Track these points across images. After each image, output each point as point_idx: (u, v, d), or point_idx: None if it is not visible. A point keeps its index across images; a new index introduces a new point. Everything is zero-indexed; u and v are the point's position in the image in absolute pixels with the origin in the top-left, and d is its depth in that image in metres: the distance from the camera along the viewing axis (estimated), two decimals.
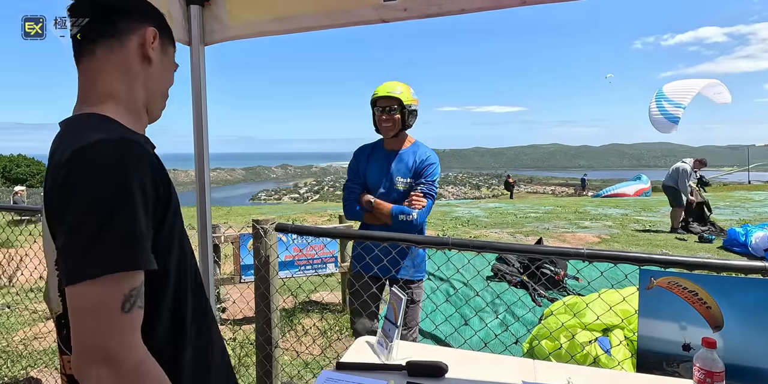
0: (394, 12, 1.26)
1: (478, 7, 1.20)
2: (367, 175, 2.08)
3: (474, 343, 2.70)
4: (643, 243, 6.68)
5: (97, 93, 0.73)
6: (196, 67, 1.39)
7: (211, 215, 1.50)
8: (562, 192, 73.07)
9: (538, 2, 1.16)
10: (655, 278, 1.31)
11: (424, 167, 2.00)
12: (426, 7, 1.24)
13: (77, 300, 0.57)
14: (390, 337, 1.30)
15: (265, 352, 1.76)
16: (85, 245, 0.57)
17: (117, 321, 0.57)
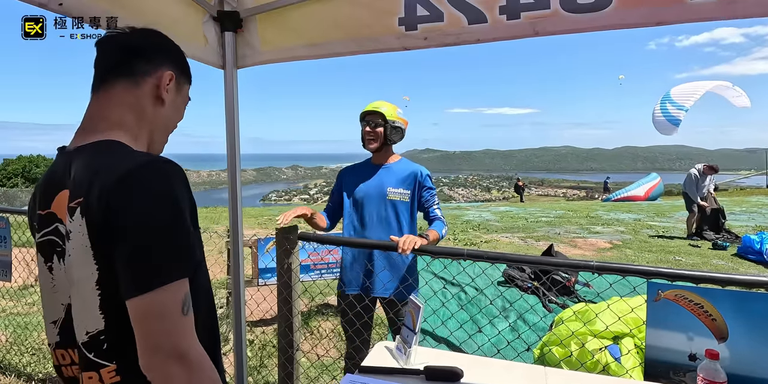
0: (415, 41, 1.36)
1: (493, 37, 1.28)
2: (354, 190, 2.12)
3: (486, 349, 2.77)
4: (655, 249, 6.66)
5: (108, 122, 0.78)
6: (230, 89, 1.50)
7: (242, 226, 1.60)
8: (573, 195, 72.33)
9: (550, 34, 1.24)
10: (663, 291, 1.38)
11: (424, 178, 2.08)
12: (444, 36, 1.33)
13: (147, 307, 0.65)
14: (408, 343, 1.39)
15: (287, 354, 1.86)
16: (151, 259, 0.66)
17: (180, 322, 0.66)
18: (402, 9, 1.35)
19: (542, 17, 1.21)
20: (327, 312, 3.67)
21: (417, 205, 2.12)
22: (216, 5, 1.44)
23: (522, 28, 1.24)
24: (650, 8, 1.14)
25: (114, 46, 0.81)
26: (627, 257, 6.15)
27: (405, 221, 2.08)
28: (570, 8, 1.17)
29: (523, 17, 1.22)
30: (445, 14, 1.31)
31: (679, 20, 1.13)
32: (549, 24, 1.21)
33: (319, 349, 2.82)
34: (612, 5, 1.14)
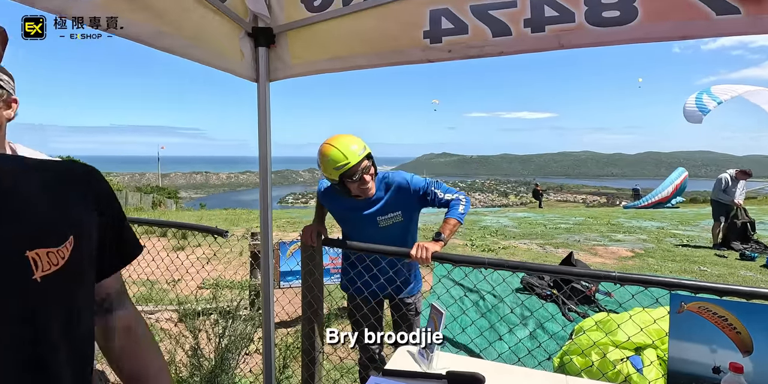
0: (439, 53, 1.40)
1: (517, 50, 1.31)
2: (343, 221, 2.04)
3: (505, 357, 2.76)
4: (679, 259, 6.49)
5: None
6: (263, 101, 1.57)
7: (272, 233, 1.66)
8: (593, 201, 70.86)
9: (575, 46, 1.26)
10: (686, 303, 1.37)
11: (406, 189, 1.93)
12: (468, 49, 1.36)
13: None
14: (431, 348, 1.42)
15: (311, 356, 1.91)
16: None
17: None
18: (427, 22, 1.38)
19: (567, 30, 1.23)
20: (345, 315, 3.71)
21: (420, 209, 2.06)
22: (251, 22, 1.51)
23: (547, 41, 1.26)
24: (675, 23, 1.15)
25: None
26: (650, 266, 6.02)
27: (402, 237, 2.00)
28: (595, 22, 1.19)
29: (547, 30, 1.25)
30: (469, 27, 1.34)
31: (704, 35, 1.14)
32: (574, 37, 1.23)
33: (340, 352, 2.86)
34: (637, 19, 1.16)
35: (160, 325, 3.41)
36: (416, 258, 1.73)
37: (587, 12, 1.20)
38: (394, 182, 1.95)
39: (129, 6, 1.08)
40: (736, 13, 1.07)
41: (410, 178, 1.98)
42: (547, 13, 1.23)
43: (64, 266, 0.59)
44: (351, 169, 1.77)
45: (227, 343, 2.30)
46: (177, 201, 28.14)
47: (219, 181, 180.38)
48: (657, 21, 1.16)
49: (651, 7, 1.14)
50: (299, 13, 1.53)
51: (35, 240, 0.57)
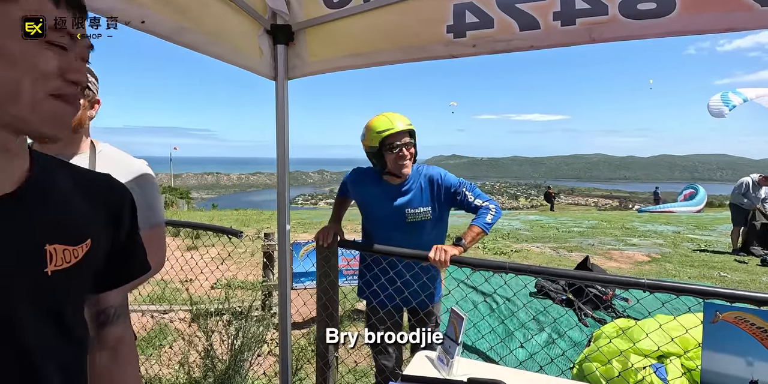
0: (464, 48, 1.35)
1: (547, 44, 1.26)
2: (368, 210, 1.98)
3: (525, 363, 2.69)
4: (698, 264, 6.33)
5: None
6: (281, 99, 1.54)
7: (289, 234, 1.63)
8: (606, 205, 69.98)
9: (607, 40, 1.21)
10: (721, 312, 1.30)
11: (444, 185, 1.88)
12: (494, 43, 1.31)
13: None
14: (451, 354, 1.37)
15: (325, 359, 1.87)
16: None
17: None
18: (450, 16, 1.34)
19: (599, 23, 1.18)
20: (359, 317, 3.67)
21: (449, 210, 1.98)
22: (270, 19, 1.48)
23: (577, 35, 1.21)
24: (716, 14, 1.09)
25: None
26: (667, 272, 5.88)
27: (429, 237, 1.93)
28: (629, 14, 1.14)
29: (578, 23, 1.20)
30: (495, 20, 1.29)
31: (747, 27, 1.08)
32: (606, 30, 1.17)
33: (354, 356, 2.82)
34: (675, 11, 1.10)
35: (174, 325, 3.41)
36: (434, 260, 1.68)
37: (621, 4, 1.14)
38: (428, 174, 1.92)
39: (152, 1, 1.06)
40: None
41: (444, 173, 1.94)
42: (578, 6, 1.18)
43: (74, 265, 0.60)
44: (394, 135, 1.78)
45: (240, 344, 2.27)
46: (189, 201, 28.41)
47: (230, 181, 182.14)
48: (696, 12, 1.10)
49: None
50: (318, 9, 1.50)
51: (55, 235, 0.58)
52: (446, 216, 2.02)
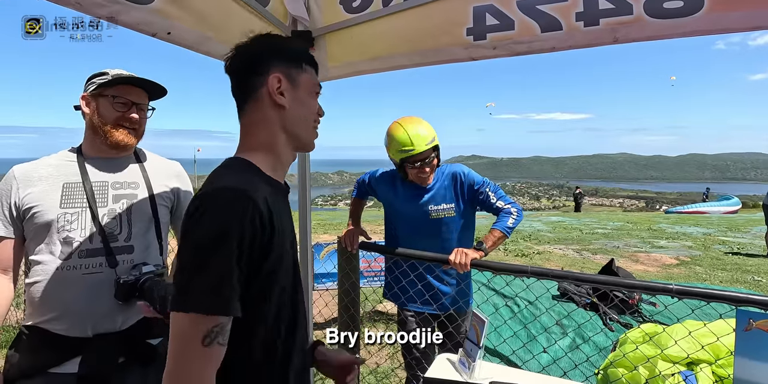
0: (484, 50, 1.34)
1: (569, 45, 1.24)
2: (392, 208, 1.99)
3: (548, 368, 2.65)
4: (730, 267, 6.09)
5: (248, 143, 0.85)
6: None
7: (311, 235, 1.66)
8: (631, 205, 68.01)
9: (632, 40, 1.18)
10: (755, 320, 1.26)
11: (467, 181, 1.87)
12: (515, 45, 1.30)
13: (173, 324, 0.67)
14: (472, 357, 1.36)
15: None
16: (185, 282, 0.67)
17: (195, 351, 0.66)
18: (470, 19, 1.33)
19: (624, 23, 1.15)
20: (380, 319, 3.68)
21: (474, 209, 1.95)
22: (290, 26, 1.51)
23: (601, 35, 1.19)
24: (746, 12, 1.05)
25: (229, 73, 0.86)
26: (697, 275, 5.67)
27: (454, 236, 1.91)
28: (655, 13, 1.11)
29: (602, 24, 1.17)
30: (516, 22, 1.28)
31: None
32: (631, 30, 1.15)
33: (376, 357, 2.83)
34: (703, 10, 1.07)
35: None
36: (454, 263, 1.66)
37: (646, 3, 1.12)
38: (451, 171, 1.91)
39: (178, 12, 1.09)
40: None
41: (467, 170, 1.92)
42: (601, 6, 1.16)
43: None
44: (414, 157, 1.77)
45: None
46: None
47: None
48: (725, 11, 1.06)
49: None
50: (338, 15, 1.52)
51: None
52: (472, 217, 2.00)
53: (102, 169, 1.19)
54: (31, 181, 1.13)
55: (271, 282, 0.76)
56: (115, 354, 1.07)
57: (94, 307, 1.08)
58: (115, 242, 1.13)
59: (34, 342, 1.09)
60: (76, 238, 1.10)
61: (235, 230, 0.68)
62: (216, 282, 0.67)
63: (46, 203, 1.10)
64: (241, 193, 0.71)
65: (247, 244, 0.69)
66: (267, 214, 0.72)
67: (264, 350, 0.78)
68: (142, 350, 1.09)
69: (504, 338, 2.88)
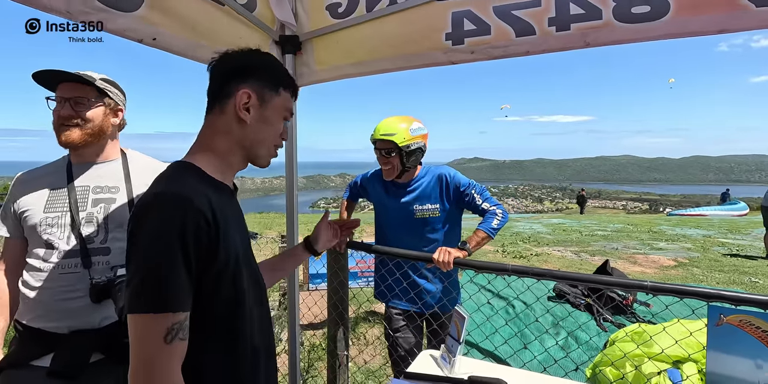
0: (462, 55, 1.39)
1: (542, 49, 1.28)
2: (380, 207, 2.05)
3: (534, 366, 2.68)
4: (728, 269, 6.09)
5: (197, 146, 0.88)
6: None
7: (298, 233, 1.70)
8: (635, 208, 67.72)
9: (602, 44, 1.22)
10: (725, 315, 1.29)
11: (453, 183, 1.92)
12: (491, 49, 1.35)
13: (132, 327, 0.70)
14: (453, 353, 1.40)
15: (335, 357, 1.92)
16: (138, 285, 0.70)
17: (158, 349, 0.69)
18: (449, 24, 1.38)
19: (593, 28, 1.19)
20: (373, 319, 3.72)
21: (461, 210, 1.99)
22: (278, 31, 1.56)
23: (572, 39, 1.23)
24: (711, 16, 1.09)
25: (211, 74, 0.88)
26: (694, 277, 5.68)
27: (439, 236, 1.95)
28: (623, 18, 1.15)
29: (573, 28, 1.22)
30: (492, 27, 1.32)
31: (744, 28, 1.08)
32: (601, 35, 1.19)
33: (365, 355, 2.87)
34: (669, 14, 1.11)
35: None
36: (438, 262, 1.70)
37: (615, 8, 1.16)
38: (437, 172, 1.96)
39: (162, 19, 1.14)
40: None
41: (453, 173, 1.97)
42: (572, 11, 1.20)
43: None
44: (376, 142, 1.90)
45: None
46: None
47: (254, 185, 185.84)
48: (691, 15, 1.10)
49: (684, 0, 1.09)
50: (324, 20, 1.57)
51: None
52: (458, 218, 2.03)
53: (85, 175, 1.23)
54: (27, 187, 1.21)
55: (224, 276, 0.78)
56: (89, 351, 1.11)
57: (70, 306, 1.13)
58: (92, 244, 1.17)
59: (23, 336, 1.15)
60: (56, 241, 1.15)
61: (178, 230, 0.71)
62: (167, 282, 0.69)
63: (34, 208, 1.17)
64: (182, 195, 0.73)
65: (192, 243, 0.72)
66: (210, 213, 0.75)
67: (225, 342, 0.81)
68: (119, 349, 1.12)
69: (486, 335, 2.91)
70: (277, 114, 0.91)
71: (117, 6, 1.01)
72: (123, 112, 1.30)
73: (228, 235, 0.80)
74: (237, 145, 0.88)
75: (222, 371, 0.80)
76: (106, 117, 1.24)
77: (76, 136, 1.18)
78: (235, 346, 0.82)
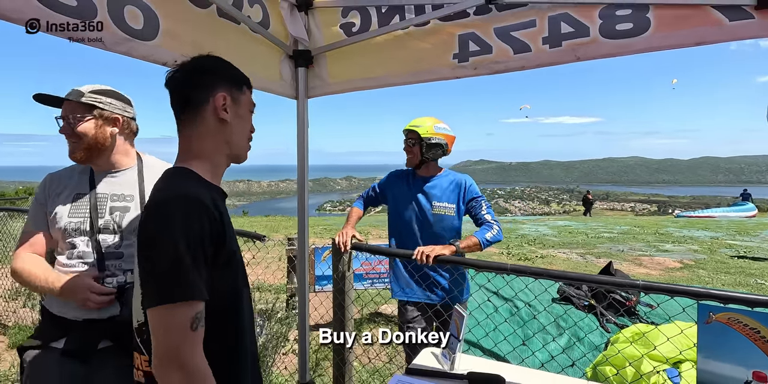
0: (467, 71, 1.49)
1: (537, 64, 1.38)
2: (399, 202, 2.21)
3: (533, 365, 2.74)
4: (734, 271, 6.09)
5: (190, 153, 0.94)
6: (302, 116, 1.72)
7: (308, 237, 1.79)
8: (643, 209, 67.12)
9: (591, 58, 1.31)
10: (714, 313, 1.35)
11: (467, 187, 2.14)
12: (493, 65, 1.45)
13: (155, 320, 0.77)
14: (453, 349, 1.47)
15: (341, 356, 2.01)
16: (157, 281, 0.77)
17: (185, 336, 0.76)
18: (456, 45, 1.50)
19: (582, 44, 1.29)
20: (378, 320, 3.79)
21: (464, 215, 2.17)
22: (291, 45, 1.67)
23: (564, 55, 1.33)
24: (689, 30, 1.18)
25: (172, 87, 0.94)
26: (700, 278, 5.69)
27: (449, 234, 2.13)
28: (609, 35, 1.25)
29: (564, 45, 1.31)
30: (494, 47, 1.44)
31: (719, 40, 1.16)
32: (589, 50, 1.29)
33: (370, 354, 2.95)
34: (650, 30, 1.20)
35: None
36: (415, 256, 1.84)
37: (601, 26, 1.25)
38: (459, 178, 2.18)
39: (180, 45, 1.23)
40: (750, 18, 1.08)
41: (471, 183, 2.19)
42: (563, 30, 1.30)
43: None
44: (407, 132, 2.15)
45: (264, 340, 2.45)
46: None
47: (260, 189, 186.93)
48: (670, 30, 1.19)
49: (663, 17, 1.19)
50: (337, 37, 1.67)
51: None
52: (461, 221, 2.20)
53: (104, 182, 1.33)
54: (56, 189, 1.31)
55: (227, 271, 0.87)
56: (98, 337, 1.22)
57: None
58: (107, 249, 1.28)
59: (46, 320, 1.28)
60: (78, 244, 1.27)
61: (198, 226, 0.79)
62: (190, 272, 0.77)
63: (60, 212, 1.28)
64: (194, 196, 0.82)
65: (207, 239, 0.81)
66: (216, 213, 0.84)
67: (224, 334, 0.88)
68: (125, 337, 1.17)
69: (485, 333, 2.97)
70: (247, 109, 1.01)
71: (139, 36, 1.12)
72: (123, 119, 1.33)
73: (228, 234, 0.88)
74: (223, 144, 0.95)
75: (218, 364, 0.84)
76: (99, 128, 1.27)
77: (78, 154, 1.27)
78: (233, 339, 0.90)
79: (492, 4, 1.36)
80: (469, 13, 1.44)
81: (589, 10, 1.26)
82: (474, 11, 1.43)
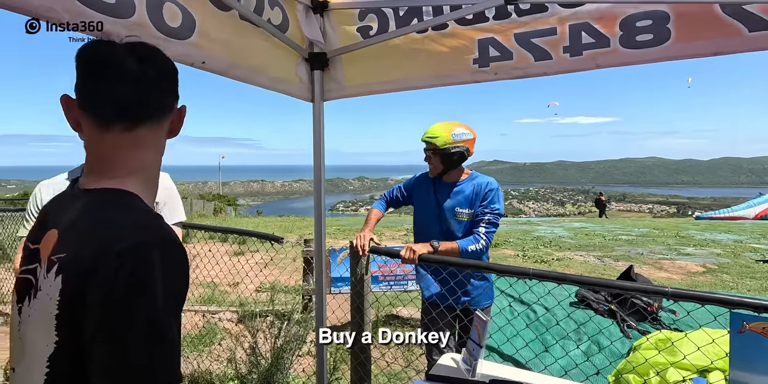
0: (487, 75, 1.48)
1: (557, 71, 1.38)
2: (425, 204, 2.20)
3: (555, 371, 2.69)
4: (759, 276, 5.90)
5: (127, 168, 0.68)
6: (317, 119, 1.72)
7: (325, 241, 1.79)
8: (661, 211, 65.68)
9: (610, 66, 1.30)
10: (748, 323, 1.31)
11: (484, 193, 2.10)
12: (512, 70, 1.45)
13: None
14: (474, 356, 1.45)
15: (359, 359, 2.01)
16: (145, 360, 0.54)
17: None
18: (476, 50, 1.50)
19: (602, 53, 1.31)
20: (395, 323, 3.78)
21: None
22: (307, 48, 1.67)
23: (584, 63, 1.34)
24: (708, 41, 1.17)
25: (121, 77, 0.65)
26: (723, 283, 5.53)
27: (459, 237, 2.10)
28: (629, 45, 1.27)
29: (585, 54, 1.33)
30: (514, 53, 1.43)
31: (737, 50, 1.15)
32: (609, 59, 1.31)
33: (387, 358, 2.94)
34: (670, 40, 1.20)
35: (222, 325, 3.68)
36: (404, 258, 1.86)
37: (621, 37, 1.27)
38: (478, 183, 2.13)
39: (211, 44, 1.26)
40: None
41: (488, 190, 2.10)
42: (584, 40, 1.32)
43: None
44: (425, 143, 2.10)
45: (282, 343, 2.46)
46: (236, 208, 29.80)
47: (274, 189, 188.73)
48: (689, 41, 1.20)
49: (684, 28, 1.19)
50: (353, 39, 1.66)
51: None
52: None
53: None
54: (47, 197, 1.35)
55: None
56: None
57: None
58: None
59: None
60: None
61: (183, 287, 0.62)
62: (175, 350, 0.59)
63: None
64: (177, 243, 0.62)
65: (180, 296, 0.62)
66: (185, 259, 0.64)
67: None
68: None
69: (511, 341, 2.93)
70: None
71: (174, 35, 1.14)
72: None
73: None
74: (160, 156, 0.75)
75: None
76: None
77: None
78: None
79: (511, 4, 1.34)
80: (488, 18, 1.43)
81: (610, 21, 1.26)
82: (493, 16, 1.42)
